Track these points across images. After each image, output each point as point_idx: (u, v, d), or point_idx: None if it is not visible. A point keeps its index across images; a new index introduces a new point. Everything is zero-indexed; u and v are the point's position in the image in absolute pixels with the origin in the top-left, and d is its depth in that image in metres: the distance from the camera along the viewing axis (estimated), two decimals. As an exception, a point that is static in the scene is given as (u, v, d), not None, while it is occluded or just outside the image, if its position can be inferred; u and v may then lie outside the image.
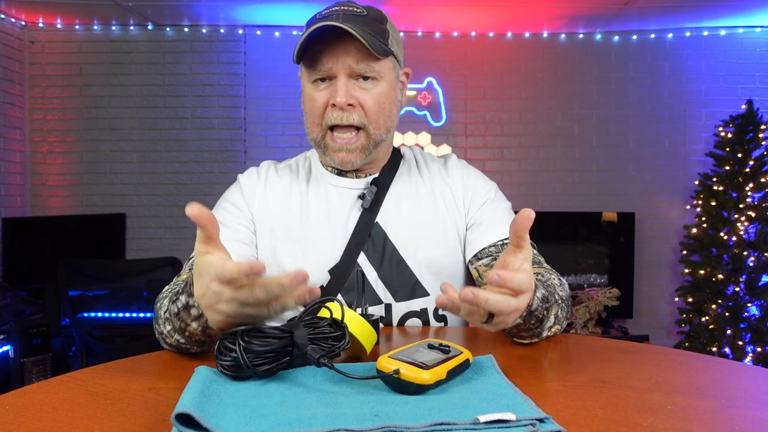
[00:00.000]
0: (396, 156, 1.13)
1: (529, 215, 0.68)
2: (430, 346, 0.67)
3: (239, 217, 1.05)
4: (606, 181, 4.02)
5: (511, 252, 0.70)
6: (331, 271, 1.01)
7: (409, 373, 0.59)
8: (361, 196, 1.05)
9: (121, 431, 0.53)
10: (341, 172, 1.09)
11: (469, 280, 1.08)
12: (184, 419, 0.49)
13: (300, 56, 0.98)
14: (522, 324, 0.80)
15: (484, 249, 1.03)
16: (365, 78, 0.99)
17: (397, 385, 0.60)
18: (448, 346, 0.67)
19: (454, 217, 1.07)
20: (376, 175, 1.09)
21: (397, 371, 0.59)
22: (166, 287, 0.93)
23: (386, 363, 0.61)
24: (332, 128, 1.00)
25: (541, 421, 0.51)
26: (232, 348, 0.62)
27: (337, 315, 0.70)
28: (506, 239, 1.03)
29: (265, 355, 0.62)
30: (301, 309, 0.70)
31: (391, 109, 1.04)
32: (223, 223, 1.04)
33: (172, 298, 0.80)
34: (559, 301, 0.88)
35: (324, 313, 0.71)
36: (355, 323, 0.73)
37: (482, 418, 0.50)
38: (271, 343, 0.63)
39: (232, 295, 0.63)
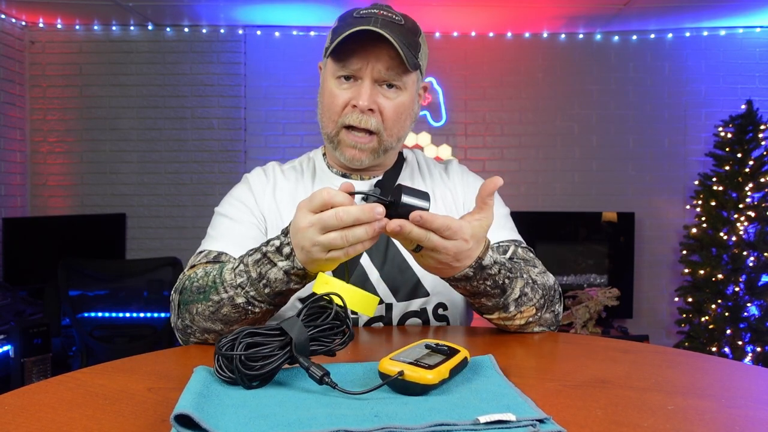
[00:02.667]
0: (399, 159, 1.15)
1: (497, 181, 0.78)
2: (428, 347, 0.67)
3: (248, 214, 1.04)
4: (606, 181, 4.02)
5: (473, 213, 0.79)
6: (333, 270, 1.01)
7: (414, 374, 0.59)
8: (365, 198, 1.06)
9: (121, 431, 0.53)
10: (345, 174, 1.10)
11: None
12: (184, 420, 0.49)
13: (333, 51, 0.98)
14: (474, 280, 0.82)
15: None
16: (389, 86, 1.00)
17: (402, 387, 0.60)
18: (446, 346, 0.67)
19: None
20: (380, 177, 1.10)
21: (401, 373, 0.59)
22: (189, 274, 0.91)
23: (389, 366, 0.61)
24: (347, 127, 1.01)
25: (541, 421, 0.51)
26: (230, 366, 0.61)
27: (336, 299, 0.68)
28: (501, 242, 1.04)
29: (263, 374, 0.62)
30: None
31: (406, 120, 1.05)
32: (233, 218, 1.03)
33: (247, 253, 0.83)
34: (529, 280, 0.89)
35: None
36: (351, 295, 0.71)
37: (482, 419, 0.50)
38: (271, 360, 0.62)
39: (311, 221, 0.72)
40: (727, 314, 3.47)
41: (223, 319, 0.83)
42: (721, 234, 3.53)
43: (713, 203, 3.58)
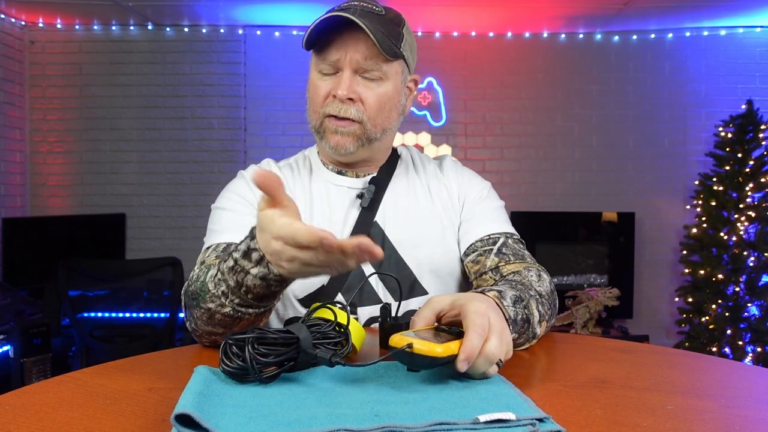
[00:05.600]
0: (393, 156, 1.15)
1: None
2: (439, 329, 0.68)
3: (248, 206, 1.04)
4: (606, 181, 4.02)
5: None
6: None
7: (422, 346, 0.59)
8: (360, 196, 1.06)
9: (121, 431, 0.53)
10: (341, 171, 1.10)
11: (467, 277, 1.09)
12: (184, 419, 0.49)
13: (310, 43, 0.99)
14: (518, 337, 0.79)
15: (471, 245, 1.04)
16: (370, 76, 1.00)
17: (410, 360, 0.60)
18: (457, 328, 0.67)
19: (450, 215, 1.09)
20: (374, 174, 1.10)
21: (410, 345, 0.59)
22: (192, 275, 0.88)
23: (399, 339, 0.61)
24: (329, 116, 1.01)
25: (541, 420, 0.51)
26: (240, 354, 0.62)
27: (342, 320, 0.70)
28: (491, 234, 1.03)
29: (272, 363, 0.62)
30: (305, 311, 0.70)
31: (391, 111, 1.04)
32: (234, 210, 1.02)
33: (222, 258, 0.77)
34: (537, 296, 0.87)
35: (323, 313, 0.71)
36: (351, 327, 0.73)
37: (482, 418, 0.50)
38: (279, 352, 0.62)
39: (293, 255, 0.65)
40: (727, 314, 3.46)
41: (221, 323, 0.81)
42: (722, 234, 3.53)
43: (713, 203, 3.58)
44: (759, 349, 3.45)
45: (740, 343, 3.47)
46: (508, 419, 0.50)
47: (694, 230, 3.65)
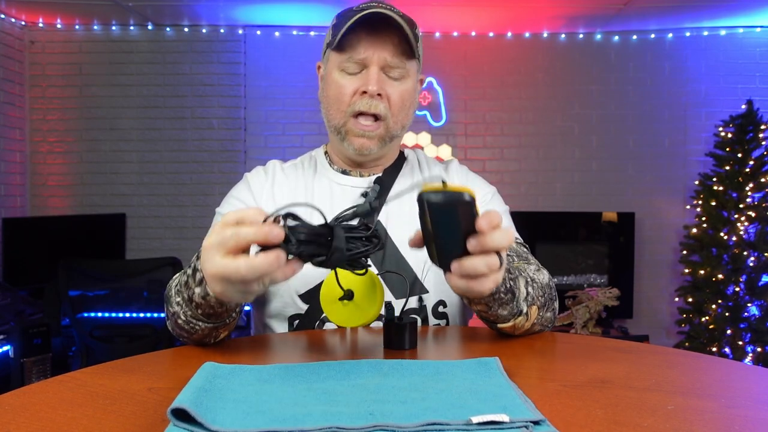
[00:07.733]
0: (400, 157, 1.16)
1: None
2: None
3: None
4: (606, 181, 4.02)
5: None
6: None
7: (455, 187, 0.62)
8: (364, 194, 1.07)
9: (121, 431, 0.53)
10: (345, 170, 1.11)
11: None
12: (181, 414, 0.49)
13: (340, 41, 1.00)
14: (500, 304, 0.80)
15: None
16: (394, 74, 1.02)
17: (436, 199, 0.62)
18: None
19: None
20: (380, 174, 1.11)
21: (444, 183, 0.62)
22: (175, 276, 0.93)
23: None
24: (356, 115, 1.03)
25: (536, 423, 0.51)
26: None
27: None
28: None
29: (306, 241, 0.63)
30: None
31: (410, 108, 1.08)
32: None
33: (184, 271, 0.82)
34: (527, 278, 0.88)
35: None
36: (357, 282, 0.74)
37: (475, 419, 0.50)
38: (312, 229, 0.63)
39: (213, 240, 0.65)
40: (727, 314, 3.47)
41: (180, 328, 0.84)
42: (722, 234, 3.53)
43: (713, 203, 3.58)
44: (759, 349, 3.45)
45: (740, 343, 3.47)
46: (501, 421, 0.50)
47: (694, 230, 3.65)
